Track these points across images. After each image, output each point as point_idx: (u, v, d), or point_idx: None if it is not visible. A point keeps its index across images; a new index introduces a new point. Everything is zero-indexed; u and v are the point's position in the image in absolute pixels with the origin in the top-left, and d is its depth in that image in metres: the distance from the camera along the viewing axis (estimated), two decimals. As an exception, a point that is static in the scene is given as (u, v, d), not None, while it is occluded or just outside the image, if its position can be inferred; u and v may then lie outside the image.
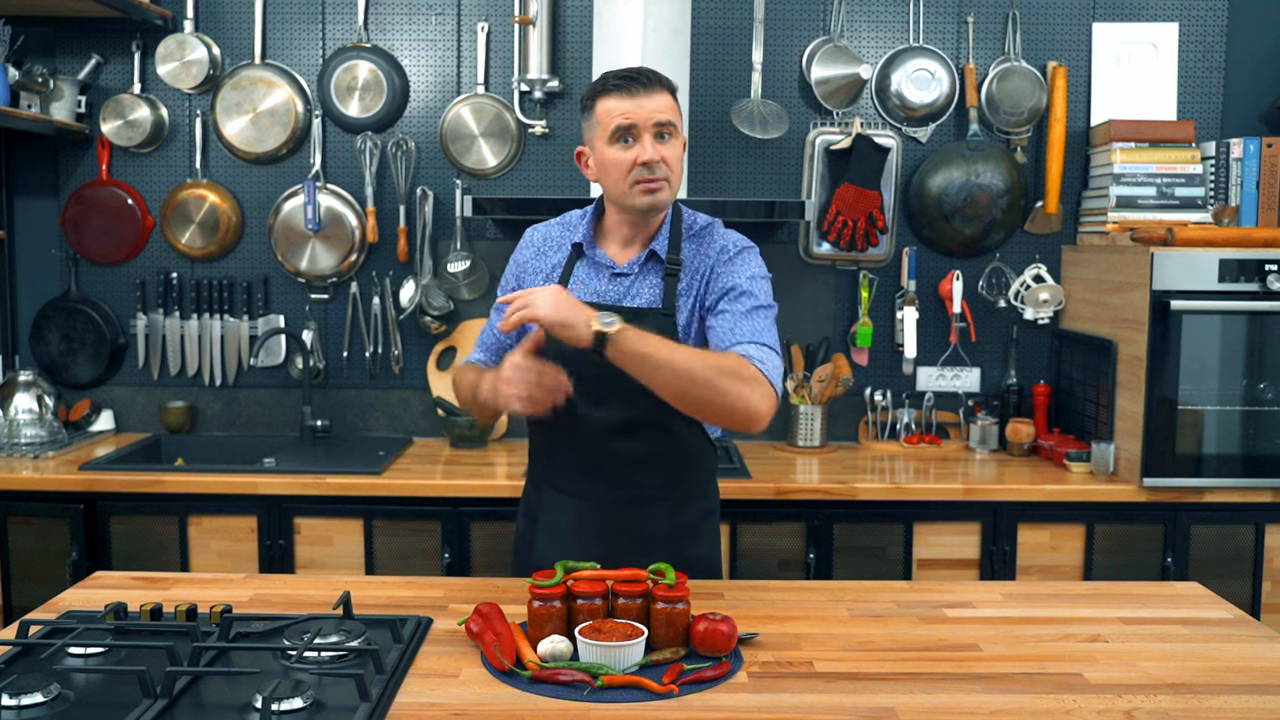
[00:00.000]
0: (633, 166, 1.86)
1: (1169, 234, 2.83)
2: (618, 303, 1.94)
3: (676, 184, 1.92)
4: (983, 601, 1.91)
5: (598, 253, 1.98)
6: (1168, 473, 2.84)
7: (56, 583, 2.67)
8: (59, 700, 1.42)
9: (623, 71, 1.90)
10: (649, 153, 1.85)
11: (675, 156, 1.89)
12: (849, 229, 3.24)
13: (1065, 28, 3.34)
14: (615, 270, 1.96)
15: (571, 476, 2.00)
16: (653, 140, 1.86)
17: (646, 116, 1.85)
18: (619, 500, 1.98)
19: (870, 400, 3.37)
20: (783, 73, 3.34)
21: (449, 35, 3.33)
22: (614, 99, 1.87)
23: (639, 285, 1.95)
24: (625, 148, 1.87)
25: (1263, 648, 1.71)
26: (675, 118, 1.89)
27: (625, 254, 1.98)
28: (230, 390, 3.41)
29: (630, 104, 1.85)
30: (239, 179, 3.35)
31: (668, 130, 1.87)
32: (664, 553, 1.96)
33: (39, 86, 3.14)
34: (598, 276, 1.97)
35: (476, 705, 1.46)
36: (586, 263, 1.99)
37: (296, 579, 2.10)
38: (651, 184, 1.87)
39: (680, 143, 1.92)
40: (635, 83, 1.86)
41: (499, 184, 3.35)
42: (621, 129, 1.86)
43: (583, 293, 1.96)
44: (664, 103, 1.87)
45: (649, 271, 1.96)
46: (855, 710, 1.46)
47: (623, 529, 1.98)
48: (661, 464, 1.98)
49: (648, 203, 1.88)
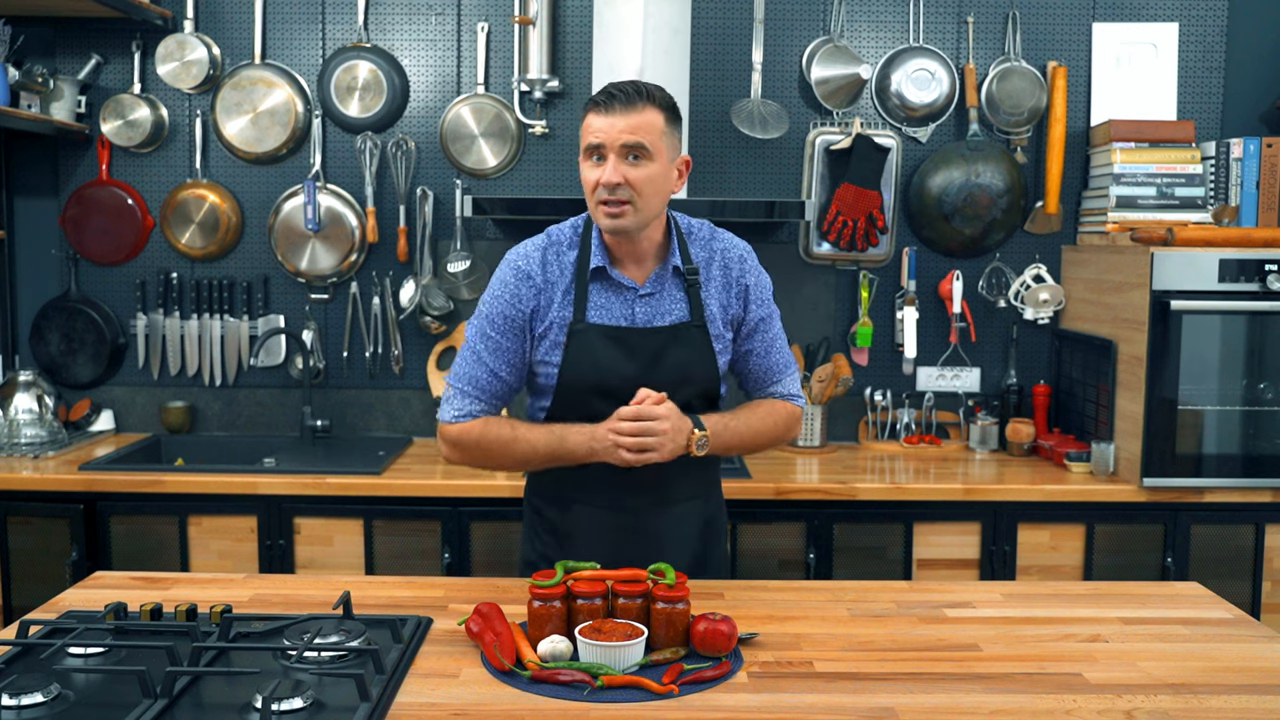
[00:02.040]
0: (597, 186, 1.84)
1: (1169, 234, 2.83)
2: (649, 324, 1.92)
3: (647, 208, 1.85)
4: (983, 601, 1.91)
5: (616, 274, 1.93)
6: (1168, 473, 2.84)
7: (56, 583, 2.67)
8: (59, 700, 1.42)
9: (612, 86, 1.86)
10: (608, 174, 1.81)
11: (644, 178, 1.82)
12: (849, 229, 3.24)
13: (1065, 28, 3.34)
14: (640, 291, 1.93)
15: (604, 489, 1.96)
16: (618, 161, 1.81)
17: (614, 137, 1.81)
18: (657, 504, 1.98)
19: (870, 400, 3.37)
20: (783, 73, 3.34)
21: (449, 35, 3.33)
22: (592, 114, 1.85)
23: (665, 302, 1.94)
24: (595, 166, 1.85)
25: (1263, 648, 1.71)
26: (650, 138, 1.82)
27: (640, 271, 1.94)
28: (230, 390, 3.41)
29: (603, 122, 1.82)
30: (239, 179, 3.35)
31: (639, 152, 1.81)
32: (696, 550, 2.02)
33: (39, 86, 3.14)
34: (621, 299, 1.93)
35: (476, 705, 1.46)
36: (603, 285, 1.93)
37: (296, 579, 2.10)
38: (611, 208, 1.83)
39: (660, 166, 1.84)
40: (614, 100, 1.82)
41: (499, 184, 3.35)
42: (591, 147, 1.84)
43: (607, 317, 1.92)
44: (640, 121, 1.81)
45: (671, 286, 1.95)
46: (855, 710, 1.46)
47: (659, 533, 1.98)
48: (694, 466, 1.98)
49: (608, 225, 1.85)
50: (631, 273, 1.94)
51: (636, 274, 1.94)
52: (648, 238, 1.92)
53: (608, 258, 1.93)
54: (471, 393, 1.94)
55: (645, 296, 1.93)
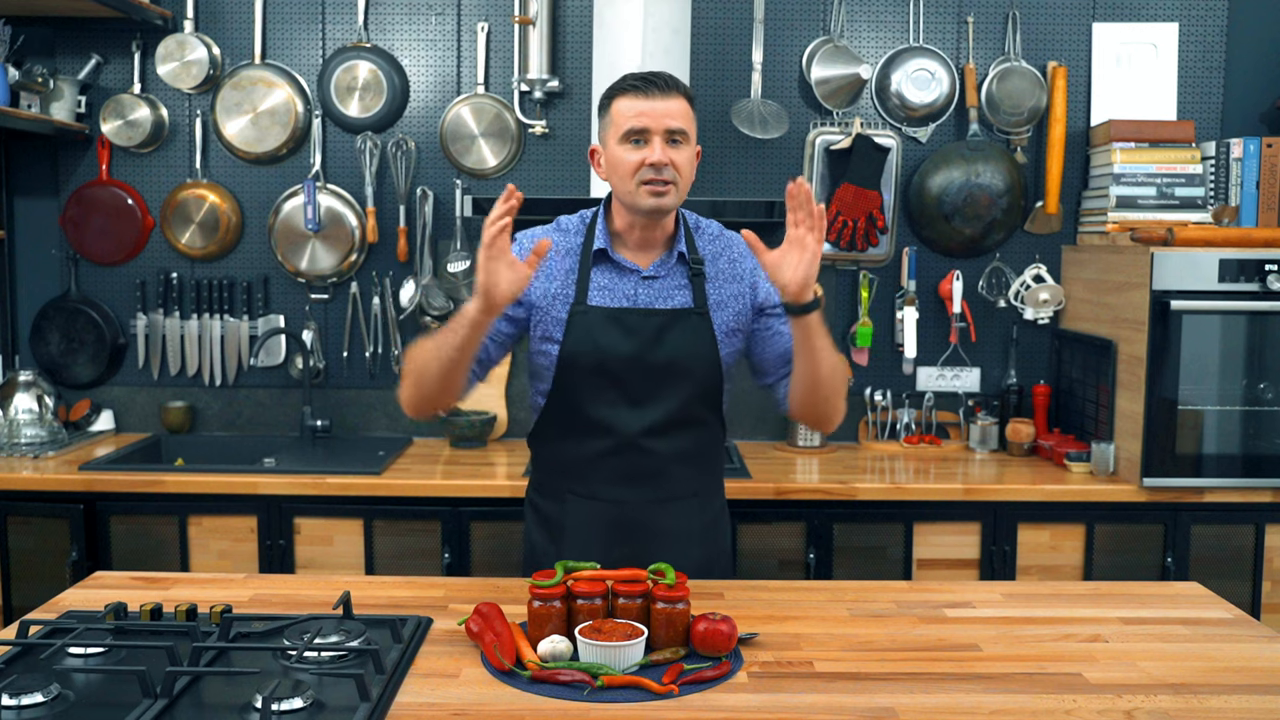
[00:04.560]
0: (640, 167, 1.87)
1: (1169, 234, 2.83)
2: (651, 305, 1.95)
3: (685, 189, 1.92)
4: (983, 601, 1.91)
5: (619, 258, 1.97)
6: (1168, 473, 2.84)
7: (56, 583, 2.67)
8: (59, 700, 1.42)
9: (642, 74, 1.91)
10: (658, 154, 1.86)
11: (685, 161, 1.90)
12: (849, 229, 3.24)
13: (1065, 28, 3.34)
14: (644, 274, 1.96)
15: (603, 482, 1.98)
16: (663, 144, 1.87)
17: (659, 120, 1.86)
18: (654, 500, 1.98)
19: (870, 400, 3.37)
20: (783, 73, 3.34)
21: (449, 35, 3.33)
22: (630, 99, 1.88)
23: (669, 287, 1.97)
24: (635, 149, 1.88)
25: (1263, 648, 1.71)
26: (689, 124, 1.90)
27: (645, 257, 1.98)
28: (230, 390, 3.41)
29: (645, 104, 1.87)
30: (239, 179, 3.35)
31: (679, 136, 1.88)
32: (696, 547, 2.01)
33: (39, 86, 3.14)
34: (624, 280, 1.96)
35: (476, 705, 1.46)
36: (606, 269, 1.97)
37: (296, 579, 2.10)
38: (657, 186, 1.87)
39: (692, 150, 1.93)
40: (652, 85, 1.88)
41: (499, 184, 3.34)
42: (634, 130, 1.87)
43: (610, 298, 1.95)
44: (678, 108, 1.88)
45: (675, 273, 1.98)
46: (855, 710, 1.46)
47: (658, 528, 1.98)
48: (694, 460, 2.00)
49: (653, 204, 1.89)
50: (636, 258, 1.98)
51: (640, 259, 1.98)
52: (663, 226, 1.96)
53: (612, 243, 1.98)
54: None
55: (649, 279, 1.96)
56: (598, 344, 1.92)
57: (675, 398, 1.94)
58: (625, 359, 1.92)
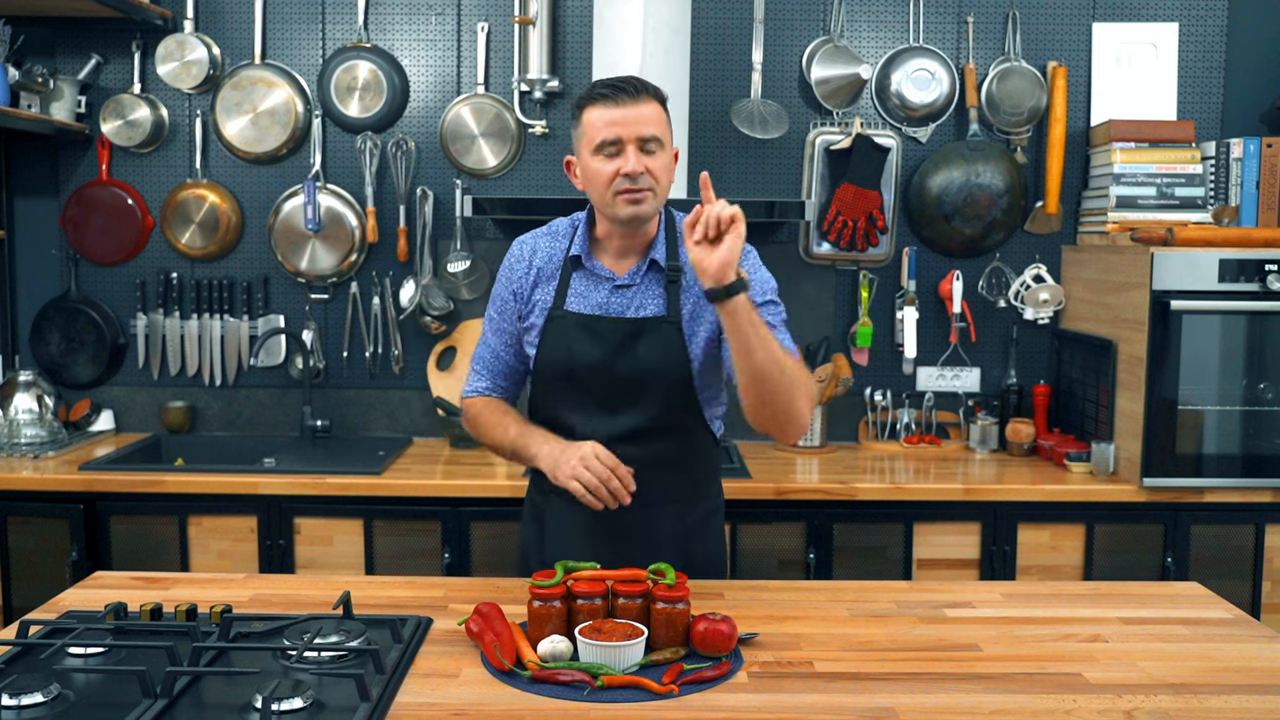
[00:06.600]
0: (615, 177, 1.85)
1: (1169, 234, 2.83)
2: (622, 314, 1.94)
3: (663, 194, 1.90)
4: (983, 601, 1.91)
5: (595, 264, 1.97)
6: (1168, 473, 2.84)
7: (56, 583, 2.66)
8: (59, 700, 1.42)
9: (610, 81, 1.88)
10: (631, 164, 1.83)
11: (660, 167, 1.87)
12: (849, 229, 3.24)
13: (1065, 28, 3.34)
14: (617, 282, 1.95)
15: None
16: (637, 152, 1.84)
17: (631, 128, 1.83)
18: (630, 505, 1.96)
19: (870, 400, 3.37)
20: (783, 73, 3.34)
21: (449, 35, 3.33)
22: (600, 109, 1.85)
23: (642, 296, 1.95)
24: (609, 159, 1.86)
25: (1263, 648, 1.71)
26: (662, 129, 1.87)
27: (623, 264, 1.97)
28: (230, 390, 3.41)
29: (616, 113, 1.84)
30: (239, 179, 3.35)
31: (653, 143, 1.85)
32: (674, 553, 1.98)
33: (39, 86, 3.14)
34: (597, 289, 1.96)
35: (476, 705, 1.46)
36: (584, 275, 1.97)
37: (296, 579, 2.10)
38: (634, 194, 1.85)
39: (668, 154, 1.89)
40: (622, 92, 1.84)
41: (499, 184, 3.35)
42: (606, 141, 1.85)
43: (584, 305, 1.95)
44: (650, 113, 1.85)
45: (650, 281, 1.96)
46: (855, 710, 1.46)
47: (633, 532, 1.97)
48: (671, 467, 1.98)
49: (630, 213, 1.87)
50: (610, 264, 1.98)
51: (616, 266, 1.97)
52: (643, 232, 1.95)
53: (589, 249, 1.98)
54: (479, 369, 2.08)
55: (622, 288, 1.96)
56: (570, 350, 1.93)
57: (648, 405, 1.93)
58: (593, 366, 1.92)
